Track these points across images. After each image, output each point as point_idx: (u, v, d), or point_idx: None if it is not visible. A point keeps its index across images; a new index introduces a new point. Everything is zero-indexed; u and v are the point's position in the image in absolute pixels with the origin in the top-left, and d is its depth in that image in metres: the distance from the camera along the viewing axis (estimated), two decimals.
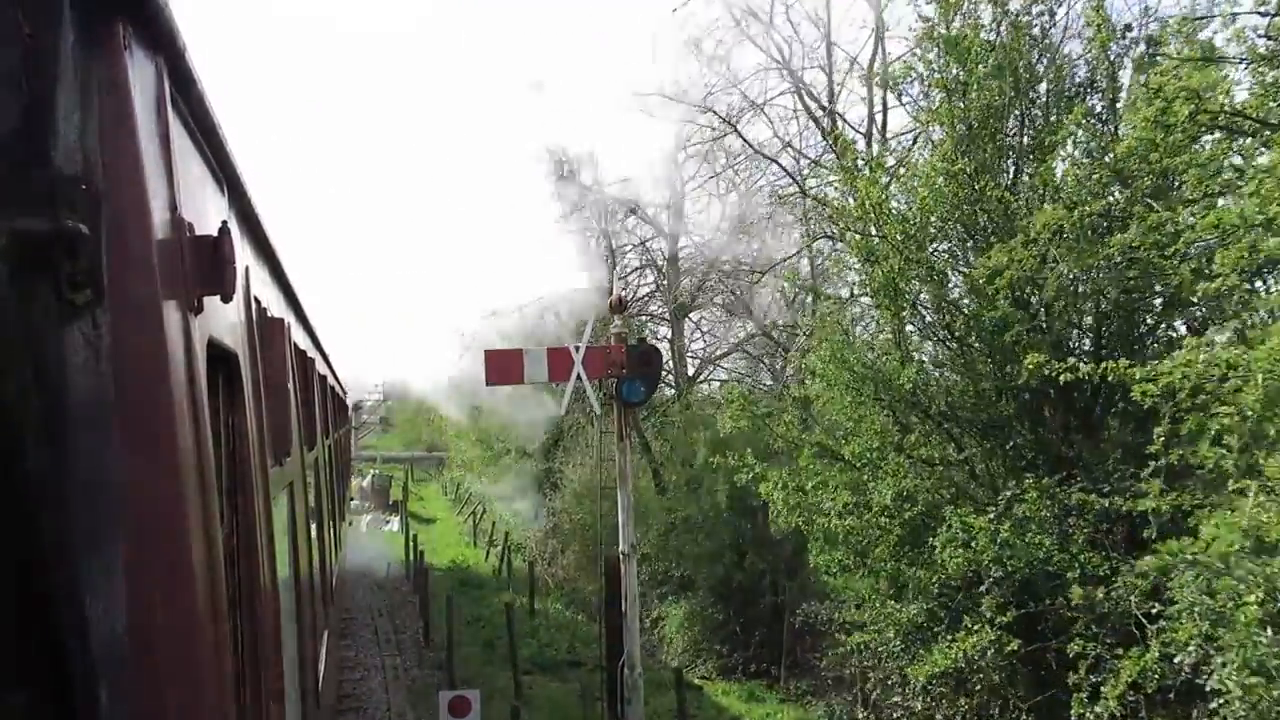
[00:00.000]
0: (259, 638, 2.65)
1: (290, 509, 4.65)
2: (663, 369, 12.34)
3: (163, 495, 1.53)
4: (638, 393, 12.45)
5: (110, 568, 1.36)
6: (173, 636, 1.50)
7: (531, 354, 12.22)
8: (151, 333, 1.54)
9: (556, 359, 12.15)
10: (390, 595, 24.14)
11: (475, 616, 21.44)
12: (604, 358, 12.28)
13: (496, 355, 12.57)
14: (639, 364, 12.39)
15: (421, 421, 69.09)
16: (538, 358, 12.14)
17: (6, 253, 1.22)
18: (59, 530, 1.28)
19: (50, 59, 1.35)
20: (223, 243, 2.05)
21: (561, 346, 12.32)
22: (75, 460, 1.33)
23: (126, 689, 1.35)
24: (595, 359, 12.27)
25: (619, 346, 12.39)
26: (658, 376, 12.55)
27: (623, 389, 12.44)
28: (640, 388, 12.44)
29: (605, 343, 12.67)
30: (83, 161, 1.38)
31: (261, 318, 3.65)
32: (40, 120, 1.33)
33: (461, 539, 34.98)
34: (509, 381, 13.84)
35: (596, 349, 12.41)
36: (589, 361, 12.22)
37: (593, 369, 12.28)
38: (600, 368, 12.30)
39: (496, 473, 35.24)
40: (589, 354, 12.22)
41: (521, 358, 12.14)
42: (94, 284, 1.36)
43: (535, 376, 12.19)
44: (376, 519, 40.65)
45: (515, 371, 12.10)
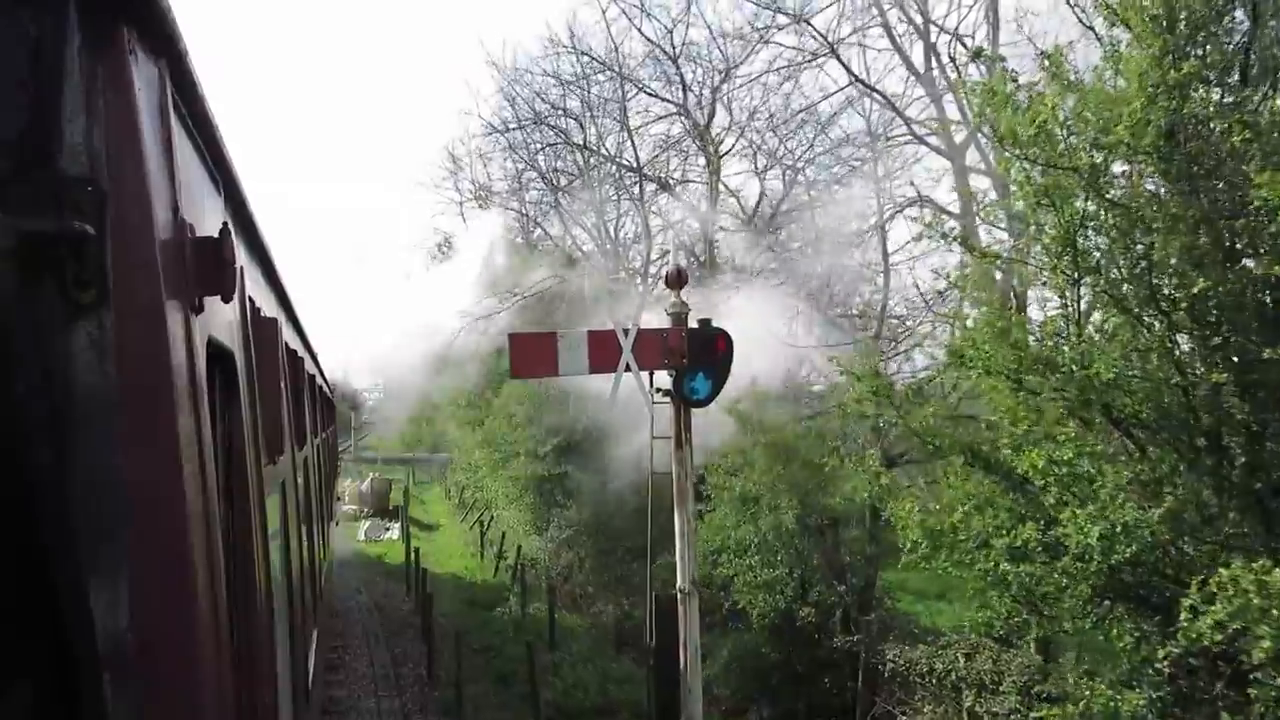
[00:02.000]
0: (255, 634, 2.66)
1: (282, 507, 4.67)
2: (733, 358, 9.59)
3: (165, 492, 1.54)
4: (702, 389, 9.83)
5: (113, 563, 1.38)
6: (174, 631, 1.52)
7: (567, 339, 9.58)
8: (155, 332, 1.55)
9: (599, 346, 9.53)
10: (388, 617, 21.53)
11: (485, 645, 18.85)
12: (659, 344, 9.66)
13: (523, 341, 9.96)
14: (703, 351, 9.78)
15: (423, 421, 66.83)
16: (575, 344, 9.52)
17: (14, 253, 1.26)
18: (64, 525, 1.30)
19: (56, 63, 1.39)
20: (223, 244, 2.07)
21: (605, 330, 9.72)
22: (80, 457, 1.35)
23: (129, 682, 1.37)
24: (648, 346, 9.65)
25: (678, 330, 9.79)
26: (727, 368, 9.94)
27: (683, 384, 9.83)
28: (705, 382, 9.82)
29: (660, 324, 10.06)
30: (88, 163, 1.41)
31: (256, 317, 3.58)
32: (47, 123, 1.37)
33: (466, 548, 32.35)
34: (538, 373, 11.22)
35: (650, 333, 9.79)
36: (641, 349, 9.61)
37: (645, 358, 9.66)
38: (655, 356, 9.69)
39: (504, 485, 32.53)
40: (641, 339, 9.61)
41: (554, 344, 9.50)
42: (99, 284, 1.39)
43: (572, 367, 9.56)
44: (375, 526, 38.15)
45: (546, 360, 9.46)
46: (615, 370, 9.59)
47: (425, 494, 51.82)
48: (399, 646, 18.77)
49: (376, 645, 18.59)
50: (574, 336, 9.64)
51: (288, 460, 5.01)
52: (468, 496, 41.52)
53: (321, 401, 12.90)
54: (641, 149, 21.74)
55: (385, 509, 41.05)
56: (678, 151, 22.15)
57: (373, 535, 36.51)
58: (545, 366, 9.61)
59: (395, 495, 42.50)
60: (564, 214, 26.04)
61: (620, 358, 9.56)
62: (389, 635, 19.75)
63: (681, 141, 21.71)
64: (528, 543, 31.38)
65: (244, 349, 3.00)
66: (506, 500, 33.93)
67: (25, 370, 1.26)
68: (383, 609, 22.44)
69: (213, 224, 2.39)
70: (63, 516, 1.30)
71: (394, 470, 57.25)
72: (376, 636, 19.29)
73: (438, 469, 58.45)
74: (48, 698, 1.30)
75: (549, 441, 30.75)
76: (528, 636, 19.18)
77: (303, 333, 8.78)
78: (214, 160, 2.56)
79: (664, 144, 21.68)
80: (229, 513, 2.50)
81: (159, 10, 1.67)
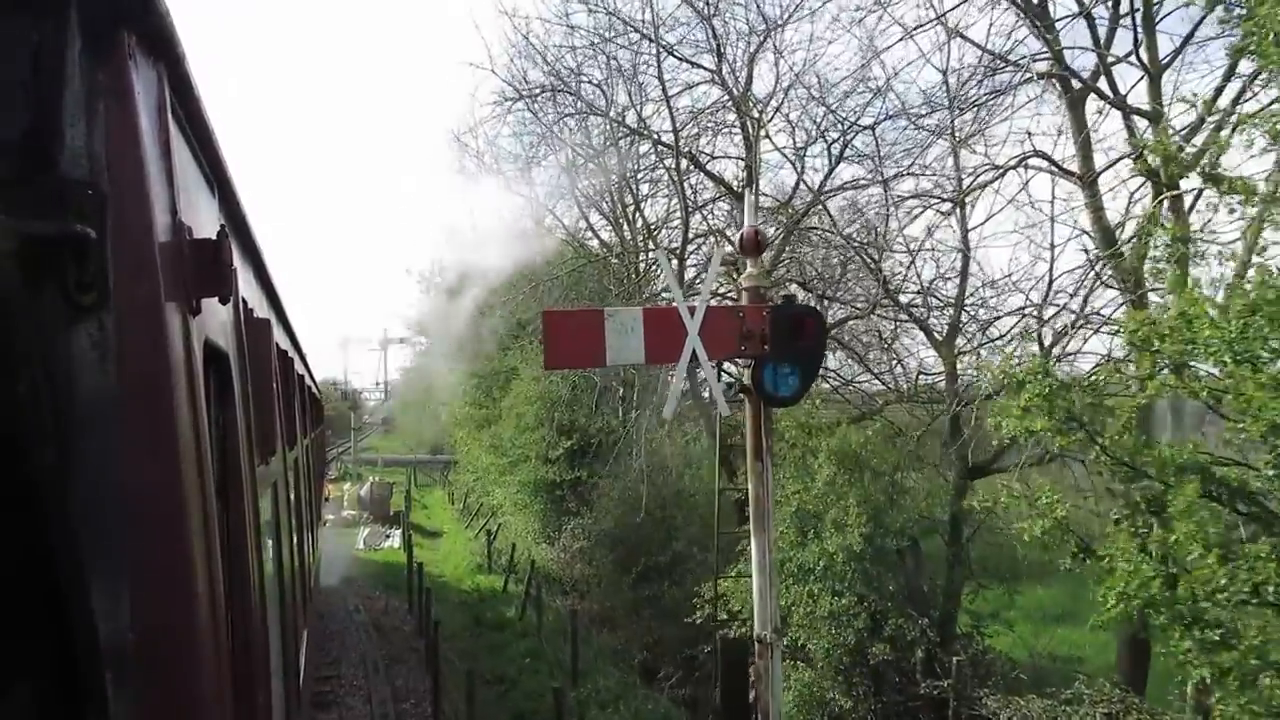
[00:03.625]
0: (250, 635, 2.65)
1: (274, 508, 4.64)
2: (826, 346, 7.41)
3: (165, 492, 1.54)
4: (789, 383, 7.71)
5: (114, 563, 1.40)
6: (174, 630, 1.53)
7: (618, 319, 7.45)
8: (155, 334, 1.56)
9: (659, 327, 7.43)
10: (388, 639, 19.42)
11: (498, 676, 16.73)
12: (734, 325, 7.56)
13: (561, 322, 7.84)
14: (790, 335, 7.65)
15: (426, 421, 64.98)
16: (627, 325, 7.40)
17: (17, 255, 1.26)
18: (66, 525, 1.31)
19: (58, 67, 1.40)
20: (221, 246, 2.07)
21: (665, 307, 7.61)
22: (81, 458, 1.37)
23: (130, 681, 1.38)
24: (721, 327, 7.54)
25: (757, 307, 7.70)
26: (819, 356, 7.88)
27: (764, 377, 7.73)
28: (792, 374, 7.70)
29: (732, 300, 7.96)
30: (89, 167, 1.42)
31: (249, 319, 3.58)
32: (48, 126, 1.39)
33: (472, 559, 30.25)
34: (580, 363, 9.12)
35: (723, 312, 7.70)
36: (711, 332, 7.51)
37: (717, 343, 7.55)
38: (728, 342, 7.56)
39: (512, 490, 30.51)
40: (711, 320, 7.51)
41: (600, 324, 7.38)
42: (100, 286, 1.40)
43: (624, 355, 7.45)
44: (375, 533, 36.08)
45: (591, 347, 7.34)
46: (677, 360, 7.51)
47: (427, 498, 49.77)
48: (400, 677, 16.67)
49: (375, 676, 16.50)
50: (627, 316, 7.51)
51: (279, 461, 4.96)
52: (472, 502, 39.50)
53: (310, 402, 12.43)
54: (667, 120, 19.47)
55: (386, 515, 38.97)
56: (710, 124, 19.91)
57: (372, 543, 34.44)
58: (589, 354, 7.50)
59: (396, 500, 40.43)
60: (579, 195, 23.79)
61: (684, 344, 7.47)
62: (389, 662, 17.65)
63: (716, 113, 19.51)
64: (537, 552, 29.37)
65: (238, 350, 2.97)
66: (514, 507, 31.92)
67: (28, 371, 1.28)
68: (382, 629, 20.34)
69: (209, 226, 2.46)
70: (64, 516, 1.32)
71: (394, 473, 55.31)
72: (375, 665, 17.19)
73: (440, 471, 56.54)
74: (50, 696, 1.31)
75: (561, 445, 28.74)
76: (545, 665, 17.12)
77: (292, 333, 8.54)
78: (209, 162, 2.55)
79: (694, 115, 19.40)
80: (225, 513, 2.42)
81: (158, 14, 1.68)
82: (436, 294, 46.31)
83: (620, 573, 20.07)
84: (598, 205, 24.29)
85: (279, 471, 4.99)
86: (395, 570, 27.07)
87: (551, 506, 29.95)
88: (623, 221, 24.25)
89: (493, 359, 35.78)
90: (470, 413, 37.16)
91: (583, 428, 28.61)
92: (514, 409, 30.40)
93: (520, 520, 31.61)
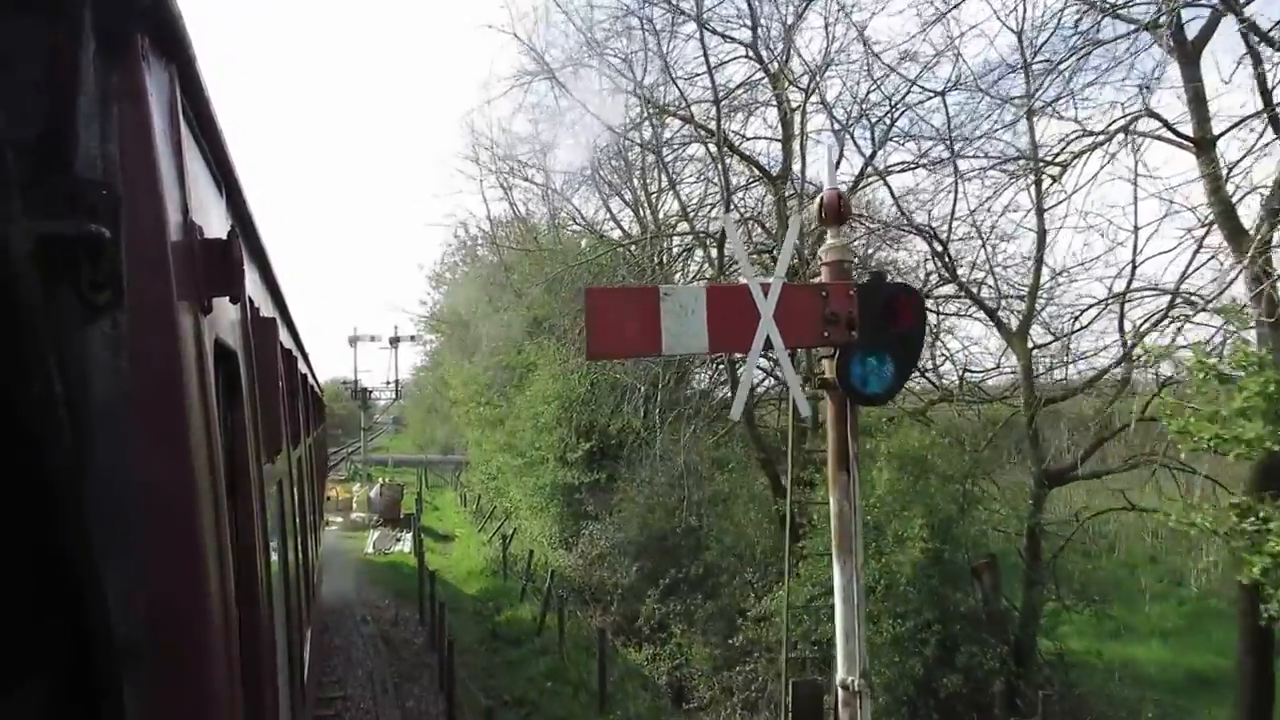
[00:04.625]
0: (259, 631, 2.66)
1: (280, 505, 4.68)
2: (926, 331, 6.00)
3: (178, 490, 1.55)
4: (880, 377, 6.36)
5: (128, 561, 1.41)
6: (187, 627, 1.55)
7: (675, 298, 6.09)
8: (168, 332, 1.58)
9: (723, 309, 6.10)
10: (398, 654, 18.16)
11: (518, 697, 15.43)
12: (816, 307, 6.22)
13: (607, 303, 6.48)
14: (881, 319, 6.32)
15: (436, 420, 63.92)
16: (688, 305, 6.06)
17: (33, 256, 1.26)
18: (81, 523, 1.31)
19: (72, 68, 1.41)
20: (231, 245, 2.09)
21: (732, 284, 6.30)
22: (96, 456, 1.38)
23: (144, 677, 1.40)
24: (800, 309, 6.20)
25: (843, 285, 6.36)
26: (917, 345, 6.58)
27: (850, 369, 6.39)
28: (885, 366, 6.36)
29: (810, 278, 6.67)
30: (103, 167, 1.43)
31: (256, 317, 3.59)
32: (63, 128, 1.40)
33: (487, 565, 29.00)
34: (629, 351, 7.77)
35: (803, 290, 6.38)
36: (787, 313, 6.18)
37: (793, 328, 6.20)
38: (809, 327, 6.21)
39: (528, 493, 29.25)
40: (788, 300, 6.18)
41: (654, 305, 6.03)
42: (114, 286, 1.41)
43: (682, 343, 6.10)
44: (385, 536, 34.88)
45: (642, 332, 6.00)
46: (747, 348, 6.20)
47: (438, 499, 48.60)
48: (411, 697, 15.41)
49: (384, 697, 15.23)
50: (686, 295, 6.16)
51: (284, 459, 4.96)
52: (485, 504, 38.25)
53: (313, 401, 12.34)
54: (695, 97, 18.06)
55: (396, 518, 37.76)
56: (743, 103, 18.48)
57: (382, 547, 33.22)
58: (641, 341, 6.13)
59: (407, 502, 39.22)
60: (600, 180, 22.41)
61: (756, 329, 6.15)
62: (400, 680, 16.40)
63: (749, 90, 18.08)
64: (554, 557, 28.09)
65: (246, 349, 2.98)
66: (530, 510, 30.65)
67: (43, 370, 1.26)
68: (391, 642, 19.09)
69: (219, 225, 2.50)
70: (79, 514, 1.31)
71: (405, 473, 54.20)
72: (384, 684, 15.92)
73: (451, 471, 55.38)
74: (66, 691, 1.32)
75: (579, 446, 27.43)
76: (569, 686, 15.81)
77: (295, 331, 8.52)
78: (218, 162, 2.56)
79: (728, 93, 17.96)
80: (234, 511, 2.38)
81: (170, 15, 1.69)
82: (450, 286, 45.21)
83: (646, 583, 18.70)
84: (619, 192, 22.93)
85: (284, 470, 4.98)
86: (405, 575, 25.85)
87: (569, 510, 28.66)
88: (643, 207, 22.86)
89: (506, 355, 34.55)
90: (483, 412, 35.90)
91: (602, 428, 27.32)
92: (530, 408, 29.12)
93: (536, 524, 30.34)
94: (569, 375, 27.39)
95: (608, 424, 26.85)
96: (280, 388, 4.64)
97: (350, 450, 64.79)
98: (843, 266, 6.60)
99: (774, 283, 6.31)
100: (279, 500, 4.63)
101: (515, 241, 31.42)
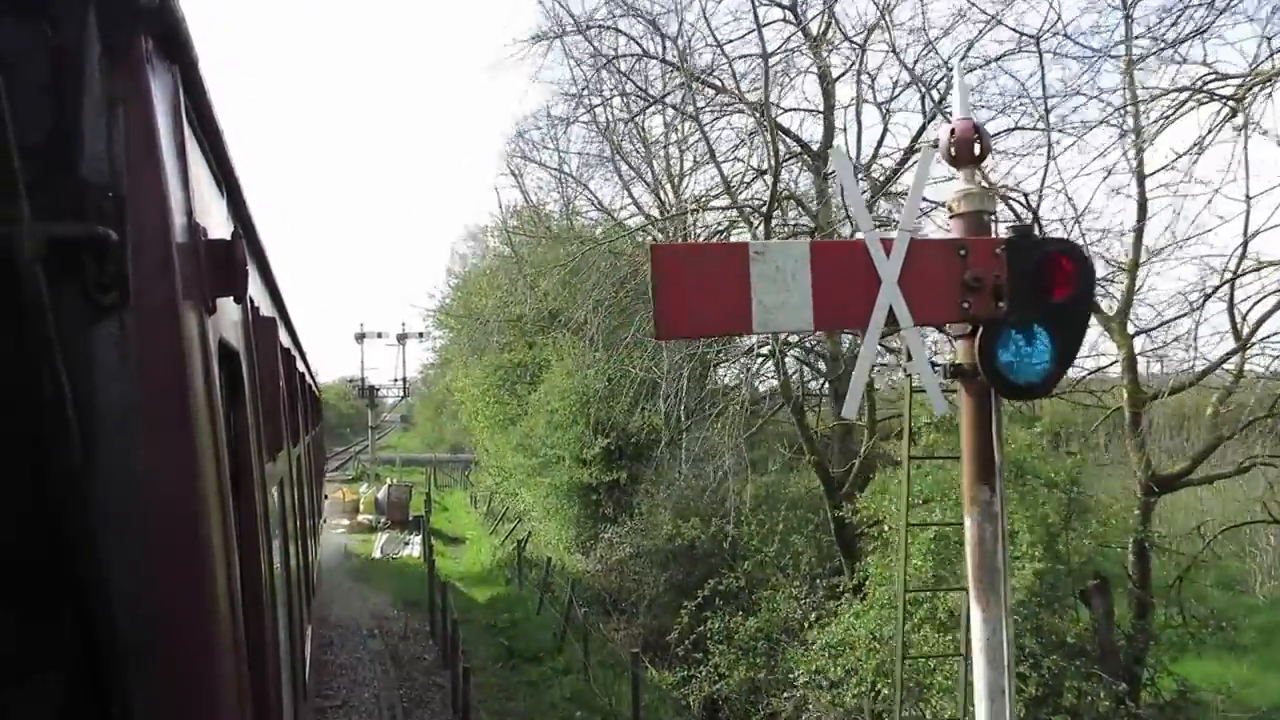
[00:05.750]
0: (262, 627, 2.68)
1: (281, 504, 4.68)
2: (1094, 298, 4.35)
3: (183, 488, 1.56)
4: (1036, 361, 4.88)
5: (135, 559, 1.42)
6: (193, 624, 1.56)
7: (770, 258, 4.59)
8: (173, 333, 1.58)
9: (833, 272, 4.62)
10: (408, 675, 16.72)
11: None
12: (952, 268, 4.74)
13: (676, 263, 4.87)
14: (1037, 284, 4.83)
15: (445, 419, 62.68)
16: (786, 268, 4.56)
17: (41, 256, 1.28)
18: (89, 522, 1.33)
19: (77, 72, 1.43)
20: (234, 246, 2.11)
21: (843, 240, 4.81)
22: (104, 455, 1.39)
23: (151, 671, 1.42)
24: (930, 271, 4.72)
25: (986, 242, 4.88)
26: (1083, 319, 5.06)
27: (997, 350, 4.89)
28: (1044, 346, 4.87)
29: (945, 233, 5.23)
30: (108, 169, 1.45)
31: (256, 317, 3.59)
32: (69, 130, 1.42)
33: (500, 571, 27.58)
34: (710, 329, 6.29)
35: (932, 247, 4.90)
36: (915, 278, 4.70)
37: (924, 298, 4.72)
38: (946, 297, 4.74)
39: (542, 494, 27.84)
40: (917, 257, 4.70)
41: (743, 267, 4.54)
42: (120, 287, 1.43)
43: (780, 318, 4.60)
44: (393, 540, 33.48)
45: (728, 304, 4.52)
46: (864, 323, 4.74)
47: (448, 499, 47.25)
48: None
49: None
50: (784, 254, 4.67)
51: (285, 457, 4.95)
52: (496, 505, 36.84)
53: (310, 399, 12.07)
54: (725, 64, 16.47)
55: (405, 520, 36.36)
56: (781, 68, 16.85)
57: (390, 551, 31.81)
58: (726, 316, 4.63)
59: (416, 503, 37.82)
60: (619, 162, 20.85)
61: (876, 299, 4.68)
62: (410, 705, 14.97)
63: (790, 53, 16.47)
64: (570, 561, 26.67)
65: (247, 348, 2.98)
66: (544, 512, 29.22)
67: (52, 370, 1.28)
68: (400, 660, 17.64)
69: (222, 226, 2.51)
70: (86, 513, 1.33)
71: (413, 473, 52.89)
72: (392, 710, 14.47)
73: (460, 471, 54.05)
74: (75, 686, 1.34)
75: (596, 444, 25.97)
76: (597, 715, 14.35)
77: (293, 331, 8.46)
78: (220, 164, 2.56)
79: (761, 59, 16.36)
80: (238, 509, 2.38)
81: (173, 18, 1.69)
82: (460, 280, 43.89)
83: (675, 594, 17.20)
84: (640, 173, 21.38)
85: (284, 468, 4.96)
86: (414, 580, 24.40)
87: (586, 512, 27.25)
88: (664, 190, 21.28)
89: (518, 350, 33.14)
90: (494, 410, 34.48)
91: (620, 425, 25.86)
92: (545, 405, 27.67)
93: (552, 527, 28.94)
94: (585, 370, 25.96)
95: (627, 421, 25.40)
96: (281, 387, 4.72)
97: (358, 449, 63.52)
98: (982, 219, 5.12)
99: (899, 237, 4.85)
100: (280, 498, 4.61)
101: (527, 230, 29.98)
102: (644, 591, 18.79)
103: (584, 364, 26.26)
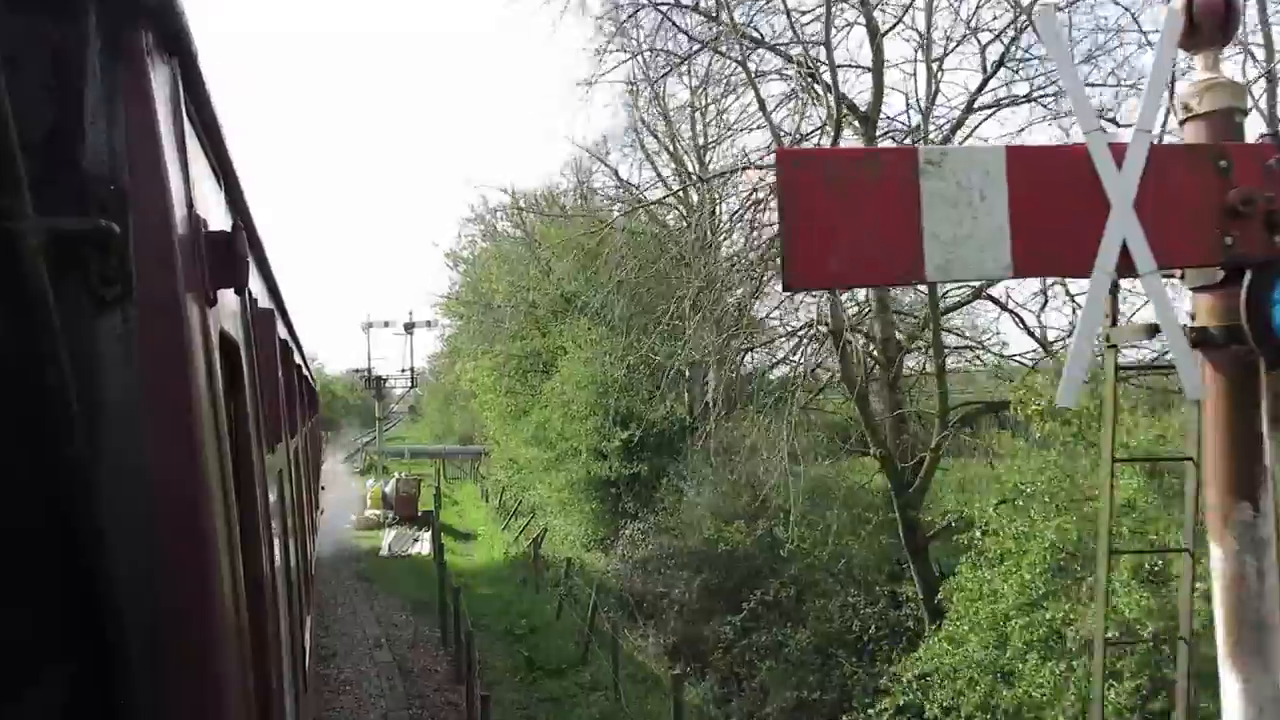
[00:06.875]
0: (264, 619, 2.70)
1: (280, 495, 4.73)
2: None
3: (188, 481, 1.57)
4: None
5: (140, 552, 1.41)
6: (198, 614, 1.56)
7: (947, 169, 3.11)
8: (176, 325, 1.59)
9: (1037, 192, 3.11)
10: (418, 690, 15.34)
11: None
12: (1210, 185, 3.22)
13: (812, 174, 3.37)
14: None
15: (455, 409, 61.39)
16: (969, 184, 3.08)
17: (45, 252, 1.29)
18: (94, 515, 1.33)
19: (78, 66, 1.43)
20: (235, 238, 2.13)
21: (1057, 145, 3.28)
22: (108, 448, 1.39)
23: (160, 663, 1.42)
24: (1177, 187, 3.21)
25: (1257, 149, 3.35)
26: None
27: (1268, 306, 3.37)
28: None
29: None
30: (110, 163, 1.45)
31: (255, 309, 3.58)
32: (71, 125, 1.42)
33: (515, 570, 26.20)
34: (862, 276, 4.68)
35: (1178, 153, 3.38)
36: (1158, 200, 3.18)
37: (1166, 231, 3.21)
38: (1196, 232, 3.24)
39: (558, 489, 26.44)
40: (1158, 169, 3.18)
41: (911, 184, 3.06)
42: (123, 280, 1.43)
43: (960, 261, 3.11)
44: (401, 536, 32.15)
45: (889, 238, 3.03)
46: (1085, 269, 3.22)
47: (458, 492, 45.98)
48: None
49: None
50: (966, 163, 3.18)
51: (284, 449, 5.00)
52: (508, 500, 35.49)
53: (307, 391, 12.02)
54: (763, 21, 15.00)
55: (413, 515, 35.03)
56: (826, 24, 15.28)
57: (398, 549, 30.46)
58: (884, 258, 3.11)
59: (425, 498, 36.48)
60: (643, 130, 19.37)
61: (1105, 229, 3.15)
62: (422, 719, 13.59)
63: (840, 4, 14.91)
64: (589, 559, 25.31)
65: (247, 340, 3.00)
66: (560, 507, 27.86)
67: (56, 364, 1.28)
68: (409, 673, 16.26)
69: (221, 218, 2.52)
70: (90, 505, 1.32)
71: (422, 465, 51.60)
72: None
73: (470, 463, 52.75)
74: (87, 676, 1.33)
75: (616, 436, 24.56)
76: None
77: (289, 322, 8.20)
78: (218, 157, 2.58)
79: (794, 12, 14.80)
80: (240, 501, 2.39)
81: (174, 13, 1.70)
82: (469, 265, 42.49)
83: (710, 600, 15.78)
84: (664, 143, 19.85)
85: (283, 460, 5.02)
86: (424, 580, 23.02)
87: (605, 507, 25.91)
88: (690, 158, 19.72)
89: (531, 339, 31.75)
90: (506, 401, 33.10)
91: (641, 415, 24.45)
92: (560, 394, 26.26)
93: (567, 522, 27.58)
94: (604, 357, 24.55)
95: (648, 411, 23.97)
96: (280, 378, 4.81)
97: (366, 441, 62.24)
98: (1233, 120, 3.59)
99: (1135, 139, 3.35)
100: (279, 490, 4.62)
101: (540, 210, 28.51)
102: (674, 596, 17.34)
103: (600, 350, 24.83)
